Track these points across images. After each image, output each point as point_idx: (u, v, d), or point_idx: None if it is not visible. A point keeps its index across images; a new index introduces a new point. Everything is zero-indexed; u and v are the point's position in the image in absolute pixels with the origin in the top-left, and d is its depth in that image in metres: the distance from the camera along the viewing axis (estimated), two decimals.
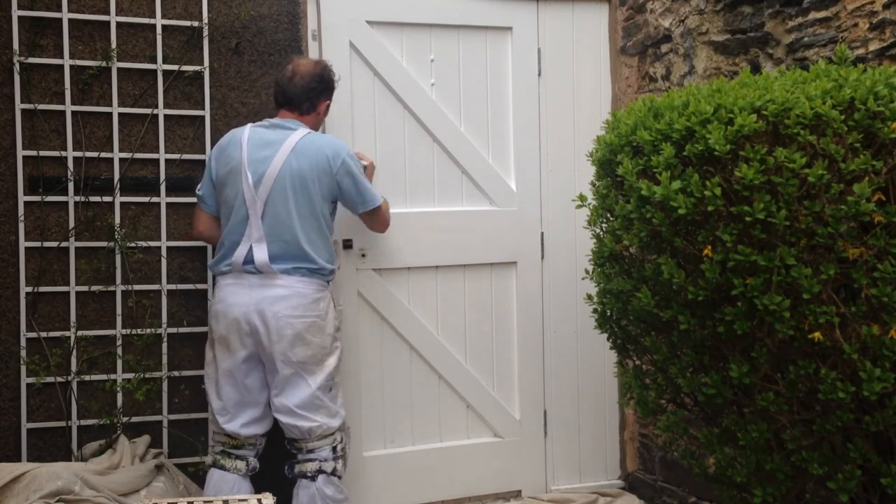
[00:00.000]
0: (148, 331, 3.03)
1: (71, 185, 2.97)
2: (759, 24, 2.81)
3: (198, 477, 3.03)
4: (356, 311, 3.28)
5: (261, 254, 2.72)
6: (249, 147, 2.75)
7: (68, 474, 2.60)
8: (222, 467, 2.78)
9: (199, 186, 2.91)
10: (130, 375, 3.01)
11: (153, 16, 3.04)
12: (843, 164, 1.85)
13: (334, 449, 2.80)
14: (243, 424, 2.78)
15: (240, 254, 2.74)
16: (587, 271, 2.56)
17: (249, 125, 2.85)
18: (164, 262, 3.07)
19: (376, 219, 2.99)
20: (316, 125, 2.92)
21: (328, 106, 2.94)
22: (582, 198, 2.47)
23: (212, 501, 2.45)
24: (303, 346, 2.73)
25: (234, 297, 2.74)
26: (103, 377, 3.00)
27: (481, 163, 3.44)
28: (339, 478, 2.82)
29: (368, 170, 3.01)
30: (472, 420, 3.46)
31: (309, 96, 2.84)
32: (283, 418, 2.77)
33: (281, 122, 2.81)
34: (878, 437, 2.00)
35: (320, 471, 2.77)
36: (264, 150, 2.75)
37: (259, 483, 2.88)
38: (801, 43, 2.65)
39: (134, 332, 3.02)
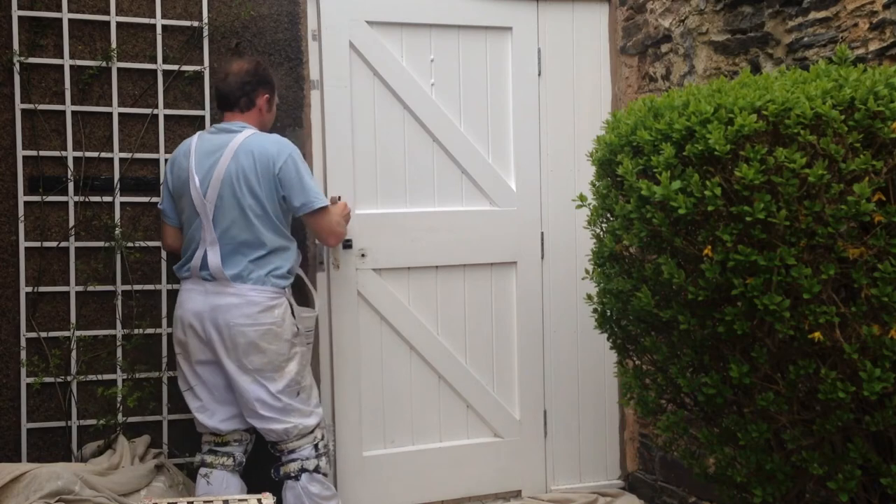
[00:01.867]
0: (138, 331, 3.02)
1: (71, 185, 2.97)
2: (759, 24, 2.81)
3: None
4: (356, 311, 3.28)
5: (214, 257, 2.71)
6: (197, 154, 2.76)
7: (68, 474, 2.60)
8: (210, 465, 2.80)
9: (160, 202, 2.93)
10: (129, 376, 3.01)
11: (153, 16, 3.04)
12: (843, 164, 1.85)
13: (316, 447, 2.81)
14: (222, 420, 2.80)
15: (197, 258, 2.75)
16: (587, 271, 2.56)
17: (199, 133, 2.85)
18: (163, 261, 3.07)
19: (323, 225, 2.80)
20: (262, 124, 2.87)
21: (271, 101, 2.88)
22: (582, 198, 2.46)
23: (212, 501, 2.46)
24: (258, 354, 2.72)
25: (190, 303, 2.76)
26: (103, 377, 2.99)
27: (481, 163, 3.44)
28: (324, 475, 2.82)
29: (343, 209, 2.96)
30: (471, 420, 3.46)
31: (244, 91, 2.80)
32: (254, 423, 2.78)
33: (226, 126, 2.80)
34: (878, 437, 2.00)
35: (303, 469, 2.78)
36: (211, 155, 2.74)
37: (258, 482, 2.88)
38: (801, 43, 2.65)
39: (134, 332, 3.02)
